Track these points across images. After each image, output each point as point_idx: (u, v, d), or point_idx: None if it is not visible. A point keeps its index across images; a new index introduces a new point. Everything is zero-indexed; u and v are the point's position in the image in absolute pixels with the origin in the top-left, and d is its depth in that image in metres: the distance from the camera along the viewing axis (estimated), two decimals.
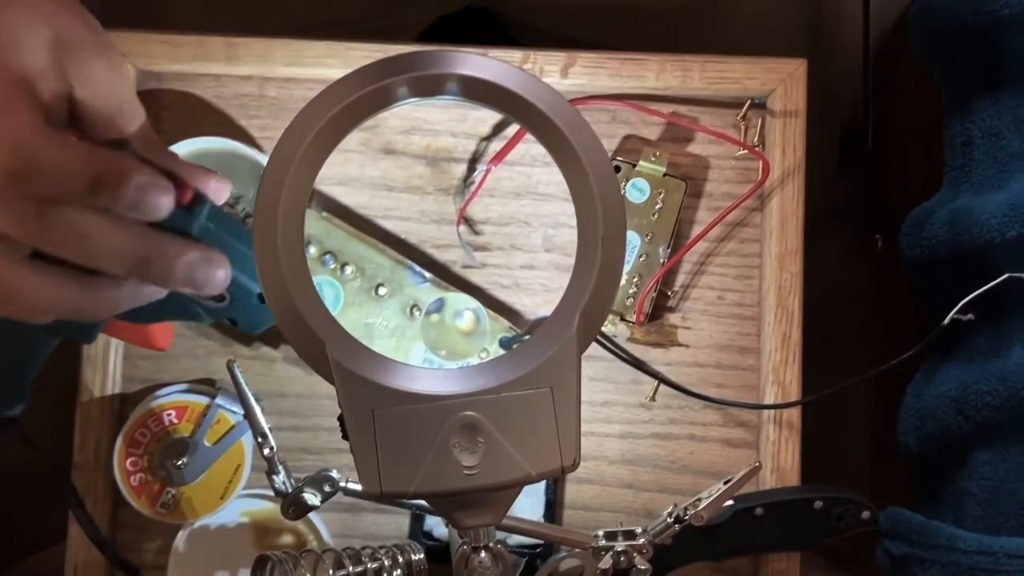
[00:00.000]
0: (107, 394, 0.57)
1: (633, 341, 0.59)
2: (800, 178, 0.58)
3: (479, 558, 0.44)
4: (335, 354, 0.39)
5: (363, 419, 0.39)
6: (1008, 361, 0.57)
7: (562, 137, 0.41)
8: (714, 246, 0.59)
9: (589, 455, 0.58)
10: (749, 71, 0.58)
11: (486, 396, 0.39)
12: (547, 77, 0.57)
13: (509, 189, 0.59)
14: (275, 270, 0.39)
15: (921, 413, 0.61)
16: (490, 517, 0.42)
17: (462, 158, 0.59)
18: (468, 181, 0.59)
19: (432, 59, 0.43)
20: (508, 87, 0.41)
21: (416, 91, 0.42)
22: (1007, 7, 0.56)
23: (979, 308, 0.56)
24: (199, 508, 0.56)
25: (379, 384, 0.39)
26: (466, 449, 0.39)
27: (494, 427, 0.39)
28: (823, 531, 0.56)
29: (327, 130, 0.40)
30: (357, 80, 0.41)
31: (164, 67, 0.57)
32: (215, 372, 0.58)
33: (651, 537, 0.51)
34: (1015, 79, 0.58)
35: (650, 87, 0.58)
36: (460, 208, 0.58)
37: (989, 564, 0.54)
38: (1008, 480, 0.58)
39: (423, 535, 0.58)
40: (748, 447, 0.59)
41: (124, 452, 0.56)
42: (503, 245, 0.59)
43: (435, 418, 0.39)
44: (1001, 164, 0.59)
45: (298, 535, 0.57)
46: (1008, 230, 0.56)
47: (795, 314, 0.58)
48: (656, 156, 0.58)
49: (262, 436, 0.49)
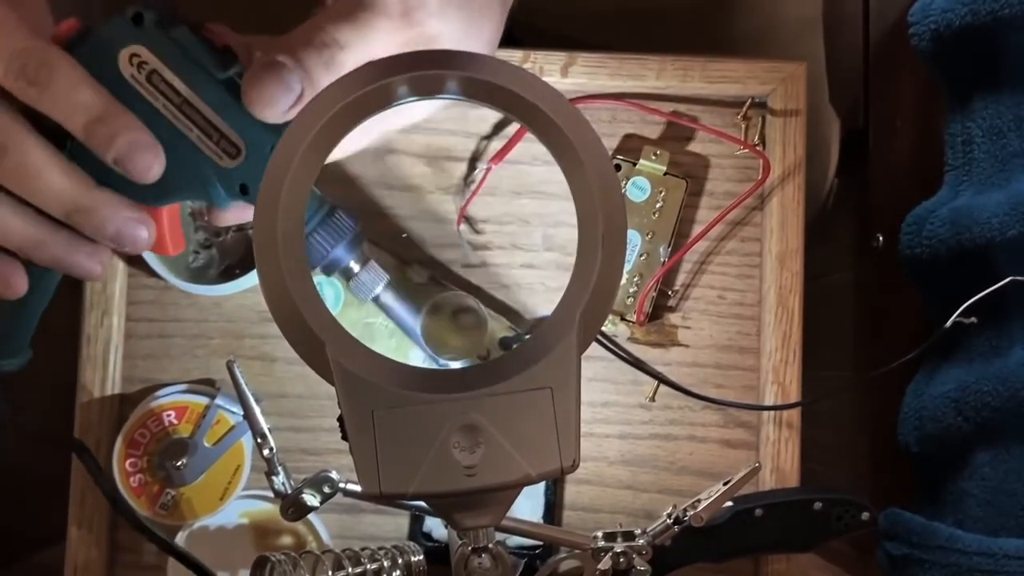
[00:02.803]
0: (107, 394, 0.57)
1: (633, 341, 0.59)
2: (800, 178, 0.58)
3: (478, 559, 0.44)
4: (335, 354, 0.39)
5: (363, 419, 0.39)
6: (1008, 361, 0.57)
7: (562, 136, 0.41)
8: (714, 245, 0.59)
9: (589, 456, 0.58)
10: (749, 71, 0.58)
11: (486, 396, 0.39)
12: (547, 77, 0.57)
13: (509, 188, 0.59)
14: (275, 270, 0.39)
15: (921, 413, 0.61)
16: (490, 518, 0.42)
17: (462, 157, 0.59)
18: (468, 180, 0.59)
19: (432, 59, 0.42)
20: (508, 86, 0.41)
21: (416, 90, 0.41)
22: (1007, 7, 0.56)
23: (979, 309, 0.56)
24: (199, 509, 0.56)
25: (379, 384, 0.39)
26: (466, 450, 0.39)
27: (494, 427, 0.39)
28: (823, 532, 0.56)
29: (327, 130, 0.40)
30: (357, 80, 0.41)
31: None
32: (215, 372, 0.58)
33: (650, 538, 0.51)
34: (1015, 78, 0.58)
35: (650, 86, 0.58)
36: (460, 207, 0.58)
37: (989, 565, 0.54)
38: (1008, 481, 0.58)
39: (422, 536, 0.58)
40: (748, 448, 0.59)
41: (124, 453, 0.56)
42: (503, 244, 0.59)
43: (435, 418, 0.39)
44: (1002, 163, 0.59)
45: (297, 536, 0.57)
46: (1009, 229, 0.56)
47: (795, 314, 0.58)
48: (657, 155, 0.58)
49: (262, 437, 0.49)
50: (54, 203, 0.43)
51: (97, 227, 0.44)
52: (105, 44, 0.44)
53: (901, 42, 0.62)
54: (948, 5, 0.58)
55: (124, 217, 0.44)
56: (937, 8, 0.59)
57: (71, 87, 0.42)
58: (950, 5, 0.58)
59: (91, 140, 0.43)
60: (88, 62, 0.43)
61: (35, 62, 0.42)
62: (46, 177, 0.42)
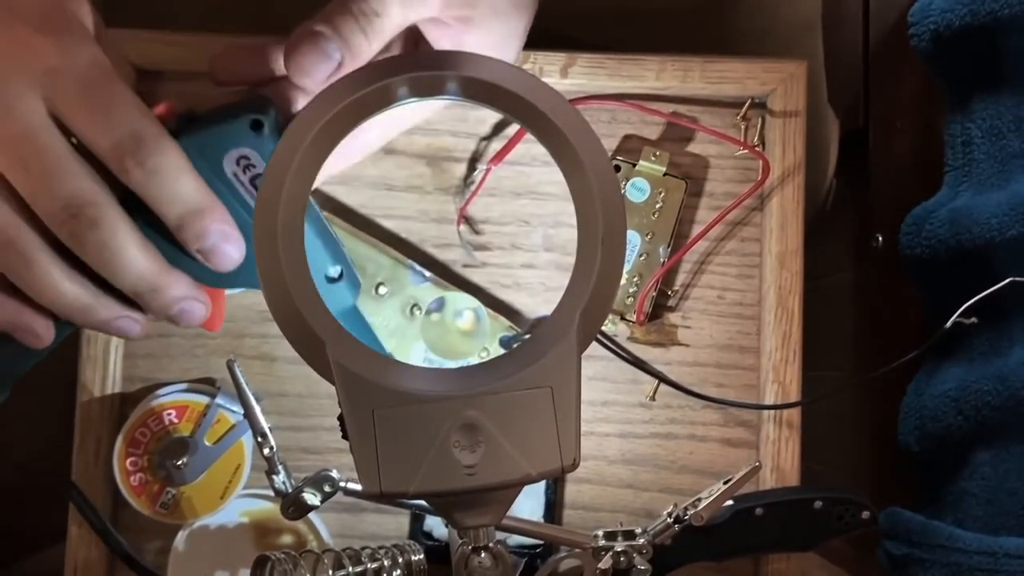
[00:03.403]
0: (107, 394, 0.57)
1: (633, 341, 0.59)
2: (800, 178, 0.58)
3: (479, 558, 0.44)
4: (335, 354, 0.39)
5: (363, 419, 0.39)
6: (1008, 361, 0.57)
7: (562, 137, 0.41)
8: (714, 245, 0.59)
9: (589, 455, 0.58)
10: (749, 71, 0.58)
11: (486, 396, 0.39)
12: (547, 77, 0.57)
13: (509, 188, 0.59)
14: (275, 270, 0.39)
15: (921, 413, 0.61)
16: (490, 517, 0.42)
17: (462, 157, 0.59)
18: (468, 180, 0.59)
19: (432, 59, 0.43)
20: (508, 87, 0.41)
21: (416, 91, 0.42)
22: (1007, 7, 0.56)
23: (979, 309, 0.56)
24: (199, 508, 0.56)
25: (379, 384, 0.39)
26: (466, 449, 0.39)
27: (494, 427, 0.39)
28: (823, 531, 0.56)
29: (327, 130, 0.40)
30: (357, 80, 0.41)
31: (164, 66, 0.57)
32: (215, 372, 0.58)
33: (651, 537, 0.51)
34: (1015, 79, 0.58)
35: (650, 87, 0.58)
36: (460, 207, 0.58)
37: (989, 564, 0.54)
38: (1008, 480, 0.58)
39: (423, 535, 0.58)
40: (748, 447, 0.59)
41: (124, 452, 0.56)
42: (503, 244, 0.59)
43: (435, 418, 0.39)
44: (1001, 163, 0.59)
45: (298, 535, 0.57)
46: (1008, 230, 0.56)
47: (795, 314, 0.58)
48: (656, 156, 0.58)
49: (262, 436, 0.49)
50: (128, 281, 0.43)
51: (163, 307, 0.44)
52: (216, 141, 0.44)
53: (901, 42, 0.62)
54: (948, 5, 0.58)
55: (191, 299, 0.45)
56: (937, 8, 0.59)
57: (176, 177, 0.42)
58: (950, 5, 0.58)
59: (182, 231, 0.43)
60: (193, 153, 0.43)
61: (148, 146, 0.42)
62: (128, 256, 0.42)
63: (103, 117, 0.41)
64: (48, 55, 0.41)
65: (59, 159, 0.41)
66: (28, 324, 0.44)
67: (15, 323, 0.44)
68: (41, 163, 0.41)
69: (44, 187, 0.41)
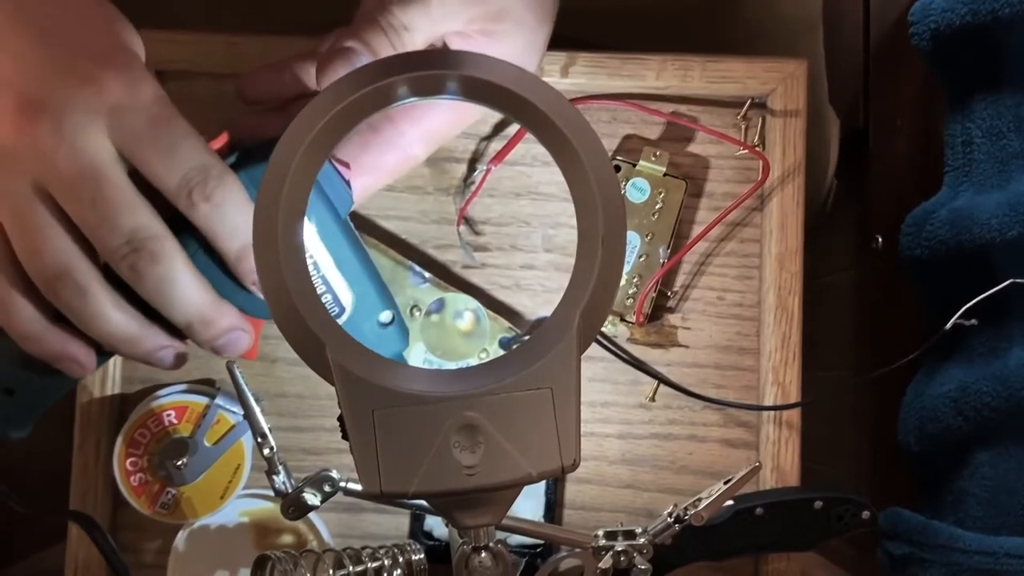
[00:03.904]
0: (107, 394, 0.57)
1: (633, 341, 0.59)
2: (800, 178, 0.58)
3: (479, 558, 0.44)
4: (335, 355, 0.39)
5: (363, 419, 0.39)
6: (1008, 362, 0.57)
7: (562, 137, 0.41)
8: (714, 246, 0.59)
9: (589, 455, 0.58)
10: (749, 71, 0.58)
11: (486, 396, 0.39)
12: (547, 77, 0.57)
13: (509, 189, 0.59)
14: (275, 270, 0.39)
15: (921, 413, 0.61)
16: (490, 517, 0.42)
17: (462, 158, 0.59)
18: (468, 181, 0.59)
19: (432, 59, 0.42)
20: (508, 87, 0.41)
21: (416, 91, 0.41)
22: (1007, 7, 0.56)
23: (979, 310, 0.56)
24: (199, 508, 0.56)
25: (379, 384, 0.39)
26: (466, 449, 0.39)
27: (494, 427, 0.39)
28: (823, 531, 0.56)
29: (327, 130, 0.40)
30: (357, 80, 0.41)
31: (164, 65, 0.57)
32: (215, 372, 0.58)
33: (651, 537, 0.51)
34: (1015, 79, 0.58)
35: (650, 87, 0.58)
36: (460, 208, 0.58)
37: (989, 564, 0.54)
38: (1008, 480, 0.58)
39: (423, 535, 0.58)
40: (748, 447, 0.59)
41: (124, 452, 0.56)
42: (503, 245, 0.59)
43: (435, 418, 0.39)
44: (1001, 164, 0.59)
45: (298, 535, 0.57)
46: (1009, 230, 0.56)
47: (795, 314, 0.58)
48: (656, 156, 0.58)
49: (262, 436, 0.49)
50: (182, 313, 0.44)
51: (211, 338, 0.45)
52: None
53: (901, 42, 0.62)
54: (948, 5, 0.58)
55: (238, 330, 0.46)
56: (937, 8, 0.59)
57: (238, 211, 0.43)
58: (950, 5, 0.58)
59: (240, 265, 0.44)
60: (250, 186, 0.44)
61: (213, 181, 0.43)
62: (183, 289, 0.43)
63: (170, 153, 0.42)
64: (114, 92, 0.42)
65: (124, 194, 0.42)
66: (73, 354, 0.45)
67: (61, 353, 0.45)
68: (106, 198, 0.42)
69: (108, 221, 0.42)
